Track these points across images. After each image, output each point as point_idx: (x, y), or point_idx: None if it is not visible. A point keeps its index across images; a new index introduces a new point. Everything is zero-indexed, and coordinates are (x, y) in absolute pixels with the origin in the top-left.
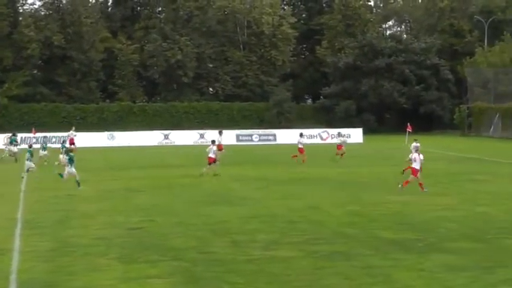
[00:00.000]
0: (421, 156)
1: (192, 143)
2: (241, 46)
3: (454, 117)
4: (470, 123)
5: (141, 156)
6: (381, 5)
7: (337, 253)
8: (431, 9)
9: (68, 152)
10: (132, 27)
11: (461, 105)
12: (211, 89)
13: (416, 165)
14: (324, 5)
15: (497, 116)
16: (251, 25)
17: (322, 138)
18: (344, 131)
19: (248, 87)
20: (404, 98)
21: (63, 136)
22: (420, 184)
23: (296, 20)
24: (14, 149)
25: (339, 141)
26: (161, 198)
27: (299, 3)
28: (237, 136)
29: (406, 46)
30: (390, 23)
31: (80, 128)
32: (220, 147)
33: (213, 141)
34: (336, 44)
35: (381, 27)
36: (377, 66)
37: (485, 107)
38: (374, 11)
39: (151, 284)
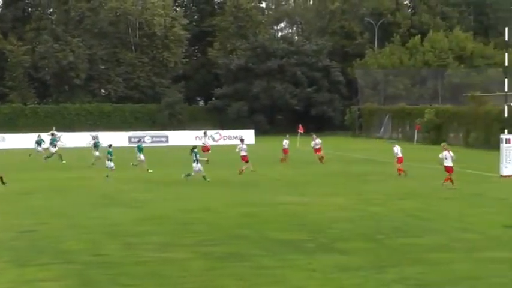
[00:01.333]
0: (451, 153)
1: (84, 145)
2: (133, 47)
3: (345, 118)
4: (360, 124)
5: (33, 159)
6: (273, 7)
7: (230, 254)
8: (322, 11)
9: (193, 149)
10: (23, 28)
11: (351, 107)
12: (103, 91)
13: (448, 163)
14: (216, 6)
15: (387, 117)
16: (143, 26)
17: (214, 140)
18: (236, 132)
19: (140, 88)
20: (295, 100)
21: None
22: (451, 180)
23: (188, 21)
24: (52, 149)
25: (313, 145)
26: (54, 200)
27: (191, 4)
28: (129, 138)
29: (297, 48)
30: (282, 24)
31: None
32: (205, 149)
33: (242, 140)
34: (228, 45)
35: (272, 29)
36: (269, 68)
37: (375, 108)
38: (266, 13)
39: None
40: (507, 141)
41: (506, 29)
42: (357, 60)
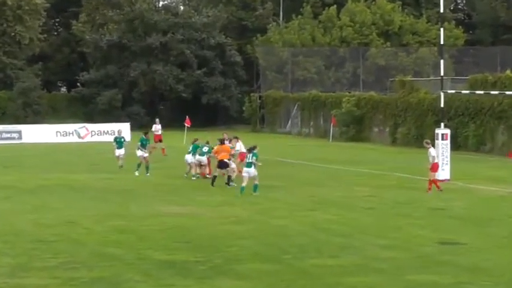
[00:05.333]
0: None
1: None
2: None
3: (244, 108)
4: (263, 115)
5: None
6: None
7: (99, 279)
8: None
9: (251, 149)
10: None
11: (252, 94)
12: None
13: None
14: None
15: (295, 106)
16: None
17: (79, 136)
18: (108, 126)
19: None
20: (182, 85)
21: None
22: None
23: None
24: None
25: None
26: None
27: None
28: None
29: (184, 20)
30: None
31: None
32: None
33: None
34: (97, 17)
35: None
36: (149, 46)
37: (281, 96)
38: None
39: None
40: (444, 137)
41: None
42: (258, 37)
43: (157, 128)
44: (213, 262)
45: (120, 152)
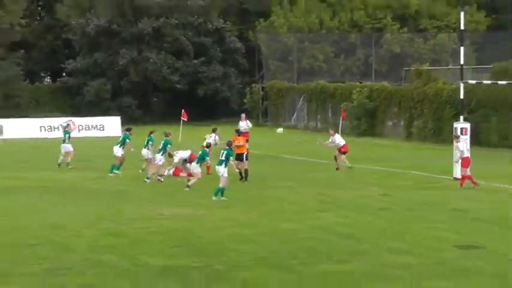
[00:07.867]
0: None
1: None
2: None
3: (245, 100)
4: (266, 108)
5: None
6: None
7: (89, 287)
8: None
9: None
10: None
11: (253, 85)
12: None
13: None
14: None
15: (301, 98)
16: None
17: None
18: (96, 120)
19: None
20: (177, 75)
21: None
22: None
23: None
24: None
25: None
26: None
27: None
28: None
29: (178, 3)
30: None
31: None
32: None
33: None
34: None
35: None
36: (141, 32)
37: (286, 87)
38: None
39: None
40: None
41: None
42: (260, 21)
43: (242, 125)
44: (214, 268)
45: (67, 148)
